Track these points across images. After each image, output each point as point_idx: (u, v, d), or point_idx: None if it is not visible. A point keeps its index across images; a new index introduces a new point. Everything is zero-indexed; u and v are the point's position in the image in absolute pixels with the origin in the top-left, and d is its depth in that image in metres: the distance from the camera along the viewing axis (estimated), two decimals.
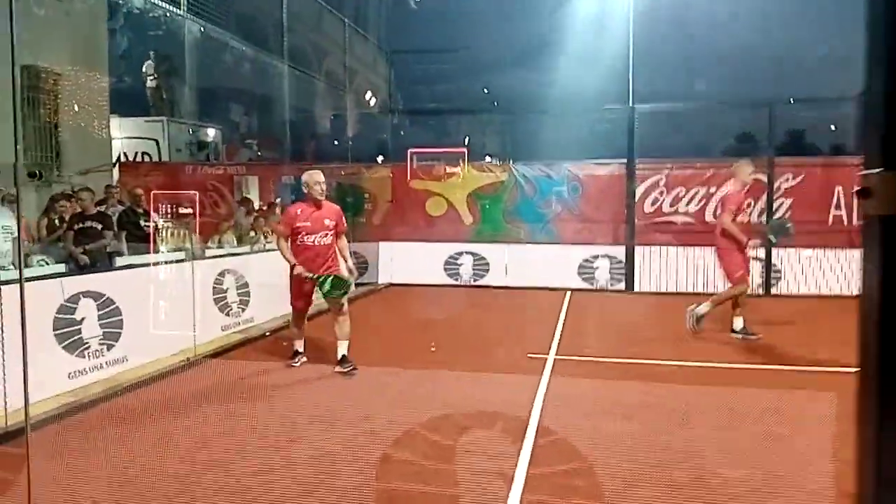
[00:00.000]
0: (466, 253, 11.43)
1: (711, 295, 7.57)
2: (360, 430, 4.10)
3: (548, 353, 6.21)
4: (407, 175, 11.81)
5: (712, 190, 10.97)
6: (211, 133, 13.78)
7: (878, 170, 1.21)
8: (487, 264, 11.36)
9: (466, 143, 14.68)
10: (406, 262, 11.57)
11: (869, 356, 1.24)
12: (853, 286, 9.81)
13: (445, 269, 11.45)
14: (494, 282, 11.20)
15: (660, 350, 6.42)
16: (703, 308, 6.94)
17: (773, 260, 10.34)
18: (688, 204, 11.11)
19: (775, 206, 10.51)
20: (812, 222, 10.58)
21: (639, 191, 10.98)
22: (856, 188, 1.28)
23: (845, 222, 10.59)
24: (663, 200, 11.14)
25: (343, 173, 12.62)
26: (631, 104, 10.84)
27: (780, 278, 10.36)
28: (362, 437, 4.00)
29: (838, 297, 9.74)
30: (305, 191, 5.54)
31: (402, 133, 13.21)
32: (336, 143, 13.80)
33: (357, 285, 11.14)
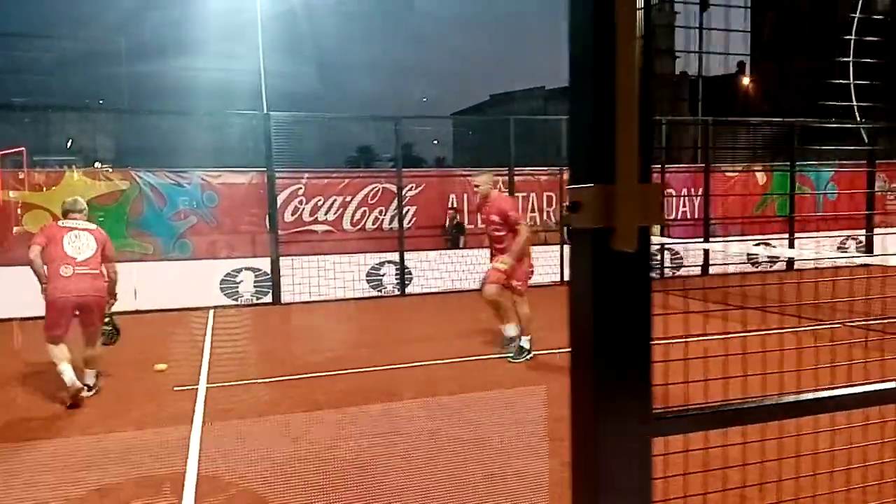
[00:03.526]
0: None
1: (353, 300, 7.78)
2: None
3: (197, 384, 5.57)
4: None
5: (347, 199, 11.46)
6: None
7: (587, 185, 1.23)
8: None
9: (71, 145, 12.52)
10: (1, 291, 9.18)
11: (584, 361, 1.27)
12: (471, 282, 11.31)
13: None
14: (120, 307, 9.65)
15: (318, 362, 6.33)
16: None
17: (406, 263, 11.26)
18: (326, 213, 11.40)
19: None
20: (432, 227, 11.93)
21: (278, 200, 10.81)
22: (566, 203, 1.29)
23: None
24: (303, 210, 11.21)
25: None
26: (266, 111, 10.60)
27: (411, 279, 11.33)
28: None
29: (460, 291, 11.06)
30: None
31: None
32: None
33: None
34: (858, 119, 11.48)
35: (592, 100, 1.21)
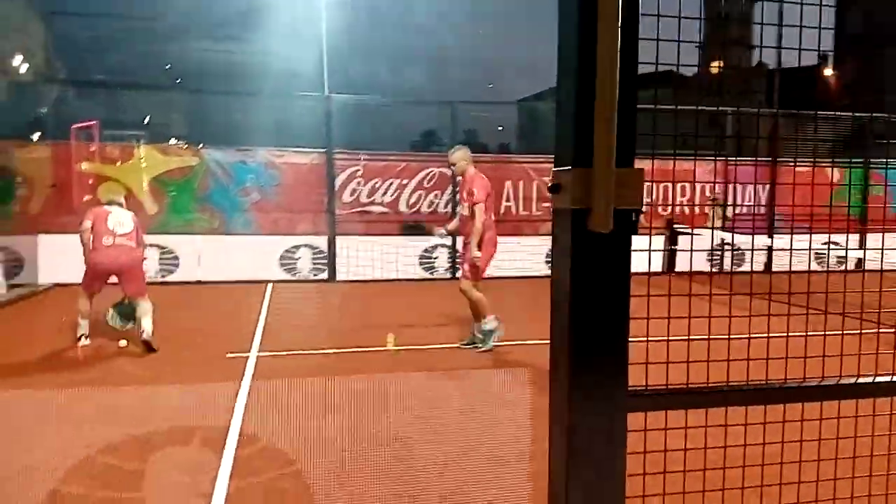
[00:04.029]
0: (150, 245, 10.23)
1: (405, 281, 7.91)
2: (18, 466, 3.32)
3: (249, 351, 5.88)
4: (72, 155, 10.09)
5: (404, 182, 11.65)
6: None
7: (567, 167, 1.28)
8: (177, 258, 10.35)
9: (146, 121, 13.16)
10: (75, 257, 9.86)
11: (561, 337, 1.33)
12: (520, 269, 11.31)
13: None
14: (186, 277, 10.25)
15: (363, 338, 6.54)
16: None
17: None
18: (384, 195, 11.62)
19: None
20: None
21: (338, 181, 11.11)
22: (548, 184, 1.34)
23: (514, 212, 12.22)
24: (361, 191, 11.47)
25: None
26: (326, 93, 10.90)
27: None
28: (22, 474, 3.24)
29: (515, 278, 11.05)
30: None
31: (67, 107, 11.18)
32: None
33: (11, 287, 9.18)
34: None
35: (574, 87, 1.26)
